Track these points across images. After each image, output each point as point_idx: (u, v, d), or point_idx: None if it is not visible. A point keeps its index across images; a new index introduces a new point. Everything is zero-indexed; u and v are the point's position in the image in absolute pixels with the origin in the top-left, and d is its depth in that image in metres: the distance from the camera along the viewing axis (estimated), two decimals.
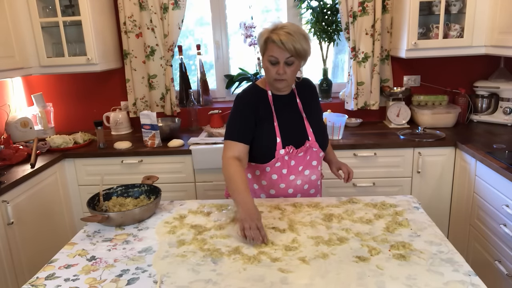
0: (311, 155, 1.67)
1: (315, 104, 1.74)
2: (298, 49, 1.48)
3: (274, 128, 1.62)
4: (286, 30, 1.48)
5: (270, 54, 1.51)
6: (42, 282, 1.17)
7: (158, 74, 2.90)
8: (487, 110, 2.78)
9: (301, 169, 1.67)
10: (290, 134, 1.63)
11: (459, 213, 2.37)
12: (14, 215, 2.04)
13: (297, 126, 1.66)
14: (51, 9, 2.59)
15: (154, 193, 1.65)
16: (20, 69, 2.53)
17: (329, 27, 2.88)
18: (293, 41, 1.47)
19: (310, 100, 1.72)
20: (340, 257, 1.22)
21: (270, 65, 1.53)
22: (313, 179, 1.72)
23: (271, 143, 1.61)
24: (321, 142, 1.68)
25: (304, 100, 1.70)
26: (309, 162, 1.67)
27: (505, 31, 2.27)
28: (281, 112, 1.65)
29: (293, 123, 1.65)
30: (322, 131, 1.72)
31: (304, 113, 1.68)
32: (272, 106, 1.64)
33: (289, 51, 1.48)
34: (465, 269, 1.13)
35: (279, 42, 1.47)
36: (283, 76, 1.53)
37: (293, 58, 1.50)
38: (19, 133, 2.71)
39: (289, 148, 1.62)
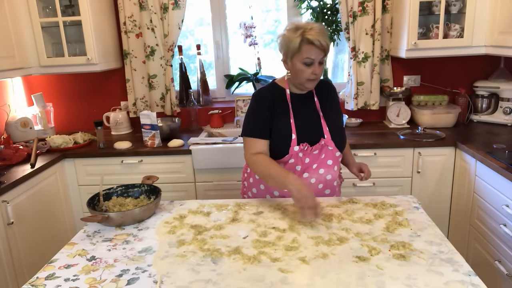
0: (326, 154, 1.66)
1: (333, 104, 1.73)
2: (328, 47, 1.54)
3: (290, 124, 1.63)
4: (316, 29, 1.50)
5: (306, 56, 1.53)
6: (42, 282, 1.17)
7: (158, 74, 2.90)
8: (487, 110, 2.78)
9: (315, 167, 1.66)
10: (306, 132, 1.64)
11: (459, 213, 2.37)
12: (14, 215, 2.04)
13: (313, 124, 1.66)
14: (51, 9, 2.59)
15: (154, 193, 1.65)
16: (20, 69, 2.53)
17: (329, 27, 2.88)
18: (325, 40, 1.51)
19: (328, 99, 1.72)
20: (340, 257, 1.22)
21: (305, 66, 1.55)
22: (328, 178, 1.69)
23: (287, 139, 1.62)
24: (337, 141, 1.67)
25: (322, 99, 1.70)
26: (324, 160, 1.66)
27: (505, 31, 2.27)
28: (298, 110, 1.66)
29: (309, 121, 1.66)
30: (339, 130, 1.71)
31: (321, 111, 1.68)
32: (290, 104, 1.65)
33: (324, 50, 1.53)
34: (465, 269, 1.13)
35: (318, 42, 1.49)
36: (316, 76, 1.56)
37: (324, 56, 1.55)
38: (19, 133, 2.71)
39: (304, 145, 1.62)
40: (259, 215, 1.53)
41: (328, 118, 1.68)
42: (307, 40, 1.50)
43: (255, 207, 1.59)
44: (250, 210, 1.58)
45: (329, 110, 1.70)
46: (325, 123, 1.67)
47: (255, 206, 1.61)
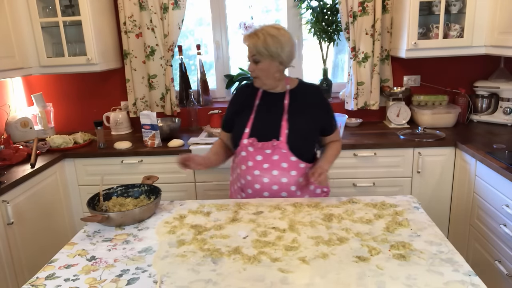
0: (280, 156, 1.65)
1: (311, 111, 1.70)
2: (258, 48, 1.57)
3: (248, 119, 1.70)
4: (255, 31, 1.60)
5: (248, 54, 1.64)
6: (42, 282, 1.17)
7: (158, 74, 2.90)
8: (487, 110, 2.78)
9: (267, 167, 1.67)
10: (261, 129, 1.68)
11: (459, 213, 2.37)
12: (14, 215, 2.04)
13: (272, 124, 1.67)
14: (51, 9, 2.59)
15: (154, 193, 1.65)
16: (20, 69, 2.53)
17: (329, 27, 2.88)
18: (256, 41, 1.57)
19: (303, 103, 1.70)
20: (340, 257, 1.22)
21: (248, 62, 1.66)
22: (283, 181, 1.68)
23: (240, 132, 1.70)
24: (293, 146, 1.64)
25: (295, 101, 1.69)
26: (277, 162, 1.66)
27: (505, 31, 2.27)
28: (263, 107, 1.72)
29: (268, 120, 1.68)
30: (302, 136, 1.67)
31: (287, 113, 1.67)
32: (257, 101, 1.73)
33: (251, 50, 1.60)
34: (465, 269, 1.13)
35: (244, 41, 1.62)
36: (253, 73, 1.65)
37: (258, 57, 1.59)
38: (19, 133, 2.71)
39: (252, 139, 1.66)
40: (259, 215, 1.53)
41: (292, 121, 1.66)
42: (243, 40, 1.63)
43: (255, 207, 1.59)
44: (250, 210, 1.58)
45: (299, 114, 1.68)
46: (286, 125, 1.65)
47: (255, 206, 1.61)
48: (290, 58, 1.64)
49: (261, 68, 1.62)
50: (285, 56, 1.61)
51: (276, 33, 1.58)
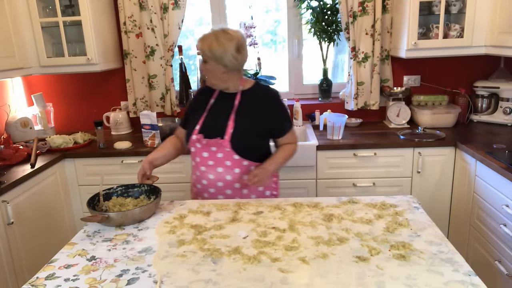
0: (224, 154, 1.70)
1: (259, 112, 1.72)
2: (203, 50, 1.64)
3: (200, 117, 1.75)
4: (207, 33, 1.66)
5: None
6: (42, 282, 1.17)
7: (158, 74, 2.90)
8: (487, 110, 2.78)
9: (212, 164, 1.72)
10: (210, 127, 1.73)
11: (459, 213, 2.37)
12: (14, 215, 2.04)
13: (219, 122, 1.72)
14: (51, 9, 2.59)
15: (154, 193, 1.65)
16: (20, 69, 2.53)
17: (329, 27, 2.88)
18: (203, 43, 1.64)
19: (253, 105, 1.72)
20: (340, 257, 1.22)
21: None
22: (228, 179, 1.73)
23: (192, 128, 1.76)
24: (236, 146, 1.68)
25: (246, 102, 1.72)
26: (221, 160, 1.71)
27: (505, 31, 2.27)
28: (216, 106, 1.77)
29: (217, 118, 1.73)
30: (247, 137, 1.70)
31: (235, 113, 1.70)
32: (212, 100, 1.78)
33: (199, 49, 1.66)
34: (465, 269, 1.13)
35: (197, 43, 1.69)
36: (202, 72, 1.73)
37: (205, 58, 1.66)
38: (19, 133, 2.71)
39: (199, 136, 1.72)
40: (259, 215, 1.53)
41: (240, 122, 1.69)
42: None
43: (255, 207, 1.60)
44: (250, 210, 1.58)
45: (247, 114, 1.71)
46: (232, 124, 1.69)
47: (255, 206, 1.61)
48: (234, 63, 1.65)
49: (207, 69, 1.68)
50: (228, 60, 1.63)
51: (223, 37, 1.62)
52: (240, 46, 1.65)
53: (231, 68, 1.67)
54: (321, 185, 2.51)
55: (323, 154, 2.45)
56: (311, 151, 2.42)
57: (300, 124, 2.85)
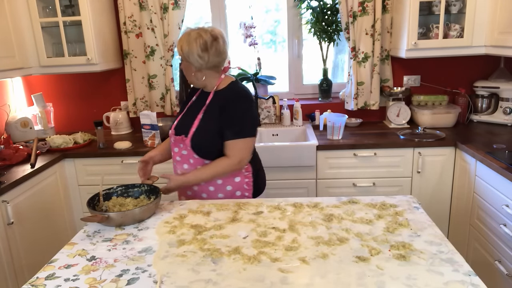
0: (188, 152, 1.73)
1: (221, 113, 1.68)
2: (178, 49, 1.67)
3: (181, 113, 1.82)
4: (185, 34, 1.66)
5: None
6: (42, 282, 1.17)
7: (158, 74, 2.90)
8: (487, 110, 2.78)
9: (179, 160, 1.78)
10: (180, 124, 1.78)
11: (459, 213, 2.37)
12: (14, 215, 2.04)
13: (188, 120, 1.75)
14: (51, 9, 2.59)
15: (154, 193, 1.65)
16: (20, 69, 2.53)
17: (329, 27, 2.88)
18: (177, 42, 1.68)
19: (219, 106, 1.69)
20: (340, 257, 1.22)
21: None
22: None
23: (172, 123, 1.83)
24: (196, 146, 1.69)
25: (214, 103, 1.71)
26: (186, 157, 1.75)
27: (505, 31, 2.27)
28: (194, 104, 1.80)
29: (187, 117, 1.77)
30: (205, 138, 1.68)
31: (203, 113, 1.71)
32: (194, 97, 1.82)
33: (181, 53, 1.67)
34: (465, 269, 1.13)
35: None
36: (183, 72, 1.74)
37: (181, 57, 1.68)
38: (19, 133, 2.71)
39: (172, 131, 1.79)
40: (259, 215, 1.53)
41: (203, 121, 1.70)
42: None
43: (255, 207, 1.60)
44: (250, 210, 1.58)
45: (212, 114, 1.69)
46: (197, 123, 1.70)
47: (255, 206, 1.61)
48: (201, 62, 1.63)
49: (183, 67, 1.73)
50: (194, 60, 1.63)
51: (194, 37, 1.62)
52: (206, 45, 1.61)
53: (199, 68, 1.66)
54: (321, 185, 2.51)
55: (323, 154, 2.45)
56: (311, 151, 2.42)
57: (300, 124, 2.85)
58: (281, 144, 2.44)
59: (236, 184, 1.77)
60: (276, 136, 2.85)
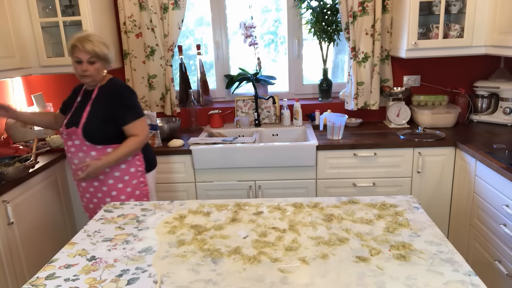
0: (80, 141, 1.96)
1: (107, 103, 1.96)
2: (97, 52, 1.90)
3: (70, 111, 2.04)
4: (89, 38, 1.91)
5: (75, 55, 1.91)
6: (42, 282, 1.17)
7: (158, 74, 2.90)
8: (487, 110, 2.78)
9: (74, 150, 1.99)
10: (70, 118, 2.01)
11: (459, 213, 2.37)
12: (14, 215, 2.04)
13: (77, 114, 1.99)
14: (51, 9, 2.59)
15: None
16: (20, 69, 2.52)
17: (329, 27, 2.88)
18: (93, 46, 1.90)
19: (106, 101, 1.97)
20: (340, 257, 1.22)
21: (76, 64, 1.93)
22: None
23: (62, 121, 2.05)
24: (87, 133, 1.94)
25: (100, 98, 1.98)
26: (79, 146, 1.97)
27: (505, 31, 2.27)
28: (80, 102, 2.04)
29: (76, 111, 2.01)
30: (96, 126, 1.95)
31: (90, 106, 1.98)
32: (79, 97, 2.06)
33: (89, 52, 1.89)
34: (465, 269, 1.13)
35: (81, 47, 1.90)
36: (86, 72, 1.92)
37: (94, 59, 1.91)
38: (19, 133, 2.71)
39: (63, 128, 2.00)
40: (259, 215, 1.53)
41: (91, 112, 1.96)
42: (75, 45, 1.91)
43: (255, 207, 1.60)
44: (250, 210, 1.58)
45: (99, 106, 1.97)
46: (86, 116, 1.96)
47: (255, 206, 1.61)
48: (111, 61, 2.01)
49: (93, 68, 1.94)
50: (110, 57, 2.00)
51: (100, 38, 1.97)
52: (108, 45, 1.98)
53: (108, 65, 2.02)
54: (321, 185, 2.51)
55: (323, 154, 2.45)
56: (311, 151, 2.42)
57: (300, 124, 2.85)
58: (281, 144, 2.44)
59: (129, 162, 2.03)
60: (276, 136, 2.85)
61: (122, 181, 2.02)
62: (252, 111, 2.97)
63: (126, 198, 2.03)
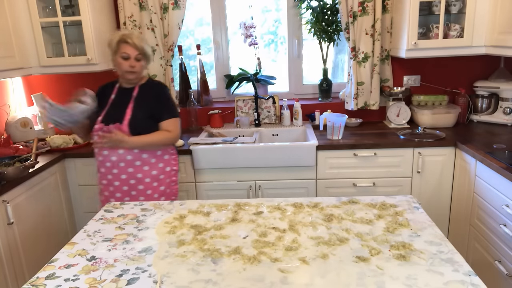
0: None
1: (149, 101, 2.03)
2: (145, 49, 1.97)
3: (103, 109, 2.03)
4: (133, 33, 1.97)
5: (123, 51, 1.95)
6: (42, 282, 1.17)
7: (158, 74, 2.90)
8: (487, 110, 2.78)
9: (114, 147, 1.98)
10: (110, 116, 2.00)
11: (459, 213, 2.37)
12: (14, 215, 2.04)
13: (119, 111, 2.00)
14: (51, 9, 2.59)
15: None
16: (20, 69, 2.52)
17: (329, 27, 2.88)
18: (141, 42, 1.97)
19: (148, 98, 2.03)
20: (340, 257, 1.22)
21: (123, 60, 1.97)
22: (128, 159, 2.00)
23: (95, 119, 2.01)
24: (133, 129, 1.96)
25: (142, 94, 2.04)
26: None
27: (505, 31, 2.27)
28: (117, 99, 2.05)
29: (117, 108, 2.01)
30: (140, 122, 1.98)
31: (133, 103, 2.01)
32: (113, 95, 2.06)
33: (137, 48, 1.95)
34: (465, 269, 1.13)
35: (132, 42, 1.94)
36: (134, 68, 1.97)
37: (141, 56, 1.97)
38: (19, 133, 2.71)
39: (101, 125, 1.98)
40: (259, 215, 1.53)
41: (136, 110, 1.99)
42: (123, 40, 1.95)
43: (255, 207, 1.60)
44: (250, 210, 1.58)
45: (144, 105, 2.01)
46: (130, 113, 1.98)
47: (255, 206, 1.61)
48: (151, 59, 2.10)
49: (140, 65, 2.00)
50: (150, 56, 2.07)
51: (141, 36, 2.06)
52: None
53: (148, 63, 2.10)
54: (321, 185, 2.51)
55: (323, 154, 2.45)
56: (311, 151, 2.42)
57: (300, 124, 2.85)
58: (281, 144, 2.44)
59: (166, 161, 2.10)
60: (276, 136, 2.85)
61: (157, 180, 2.07)
62: (252, 111, 2.97)
63: (158, 196, 2.08)
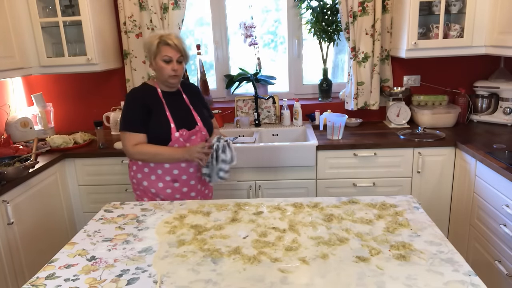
0: (201, 138, 1.94)
1: (199, 101, 2.03)
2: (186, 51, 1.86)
3: (167, 116, 1.86)
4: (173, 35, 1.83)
5: (164, 54, 1.81)
6: (42, 282, 1.17)
7: None
8: (487, 110, 2.78)
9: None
10: (182, 121, 1.89)
11: (459, 213, 2.37)
12: (14, 215, 2.04)
13: (186, 115, 1.93)
14: (51, 9, 2.59)
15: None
16: (20, 69, 2.52)
17: (329, 27, 2.88)
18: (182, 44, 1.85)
19: (194, 97, 2.01)
20: (340, 257, 1.22)
21: (165, 63, 1.82)
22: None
23: (166, 128, 1.84)
24: (208, 128, 1.98)
25: (189, 96, 1.99)
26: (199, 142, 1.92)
27: (505, 31, 2.27)
28: (171, 104, 1.90)
29: (183, 112, 1.93)
30: (207, 120, 2.00)
31: (190, 105, 1.96)
32: (163, 100, 1.89)
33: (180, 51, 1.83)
34: (465, 269, 1.13)
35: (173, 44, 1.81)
36: (177, 72, 1.84)
37: (182, 58, 1.86)
38: (19, 133, 2.71)
39: (183, 131, 1.87)
40: (259, 215, 1.53)
41: (197, 111, 1.97)
42: (164, 42, 1.81)
43: (255, 207, 1.60)
44: (250, 210, 1.58)
45: (197, 104, 1.99)
46: (196, 114, 1.95)
47: (255, 206, 1.61)
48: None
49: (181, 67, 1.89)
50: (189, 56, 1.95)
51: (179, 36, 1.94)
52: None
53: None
54: (321, 185, 2.51)
55: (323, 154, 2.45)
56: (311, 151, 2.42)
57: (300, 124, 2.85)
58: (281, 144, 2.44)
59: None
60: (276, 136, 2.85)
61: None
62: (252, 111, 2.97)
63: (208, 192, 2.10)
